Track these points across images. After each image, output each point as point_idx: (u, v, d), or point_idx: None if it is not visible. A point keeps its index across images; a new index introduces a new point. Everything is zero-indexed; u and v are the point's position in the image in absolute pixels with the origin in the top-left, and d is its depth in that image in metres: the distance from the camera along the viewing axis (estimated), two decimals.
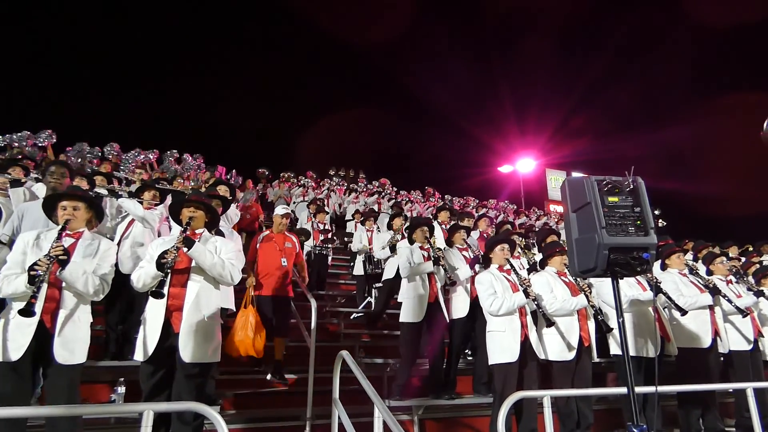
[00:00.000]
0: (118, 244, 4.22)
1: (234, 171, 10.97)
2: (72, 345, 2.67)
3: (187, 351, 2.83)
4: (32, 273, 2.50)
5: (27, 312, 2.41)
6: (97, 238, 2.98)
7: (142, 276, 2.95)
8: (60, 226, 2.79)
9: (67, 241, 2.78)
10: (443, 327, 4.45)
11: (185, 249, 2.91)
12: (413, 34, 32.13)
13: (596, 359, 4.04)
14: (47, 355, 2.61)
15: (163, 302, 2.89)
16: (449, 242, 5.08)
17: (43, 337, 2.60)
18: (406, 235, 5.00)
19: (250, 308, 4.33)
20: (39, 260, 2.53)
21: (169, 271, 2.84)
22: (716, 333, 4.32)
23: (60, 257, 2.60)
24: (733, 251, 7.32)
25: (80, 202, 2.94)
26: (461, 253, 4.89)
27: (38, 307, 2.55)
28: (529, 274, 4.29)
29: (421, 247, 4.65)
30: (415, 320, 4.34)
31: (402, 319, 4.44)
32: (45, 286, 2.62)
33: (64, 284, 2.70)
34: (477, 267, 4.60)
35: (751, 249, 7.68)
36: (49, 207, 3.00)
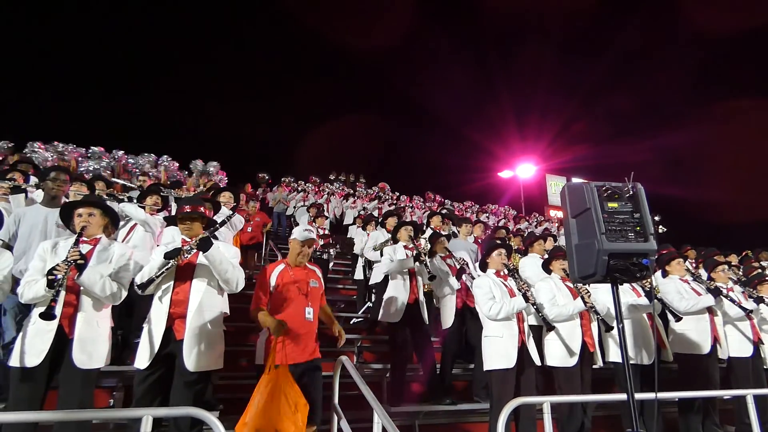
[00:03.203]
0: None
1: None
2: (90, 348, 2.71)
3: (191, 359, 2.83)
4: (50, 277, 2.55)
5: (48, 315, 2.45)
6: (113, 244, 3.03)
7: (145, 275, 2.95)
8: (77, 233, 2.85)
9: (84, 248, 2.85)
10: (425, 330, 4.45)
11: (201, 251, 2.94)
12: (414, 39, 32.34)
13: (599, 365, 4.01)
14: (65, 360, 2.64)
15: (166, 309, 2.90)
16: (432, 252, 5.04)
17: (62, 342, 2.65)
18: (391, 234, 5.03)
19: (290, 381, 2.86)
20: (57, 265, 2.59)
21: (164, 272, 2.87)
22: (716, 339, 4.32)
23: (77, 262, 2.65)
24: (732, 260, 7.31)
25: (96, 209, 3.01)
26: (445, 262, 4.90)
27: (58, 310, 2.59)
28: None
29: (405, 246, 4.66)
30: (393, 320, 4.34)
31: (380, 318, 4.47)
32: (63, 291, 2.67)
33: (81, 289, 2.74)
34: (464, 277, 4.61)
35: (750, 255, 7.68)
36: (66, 215, 3.09)
